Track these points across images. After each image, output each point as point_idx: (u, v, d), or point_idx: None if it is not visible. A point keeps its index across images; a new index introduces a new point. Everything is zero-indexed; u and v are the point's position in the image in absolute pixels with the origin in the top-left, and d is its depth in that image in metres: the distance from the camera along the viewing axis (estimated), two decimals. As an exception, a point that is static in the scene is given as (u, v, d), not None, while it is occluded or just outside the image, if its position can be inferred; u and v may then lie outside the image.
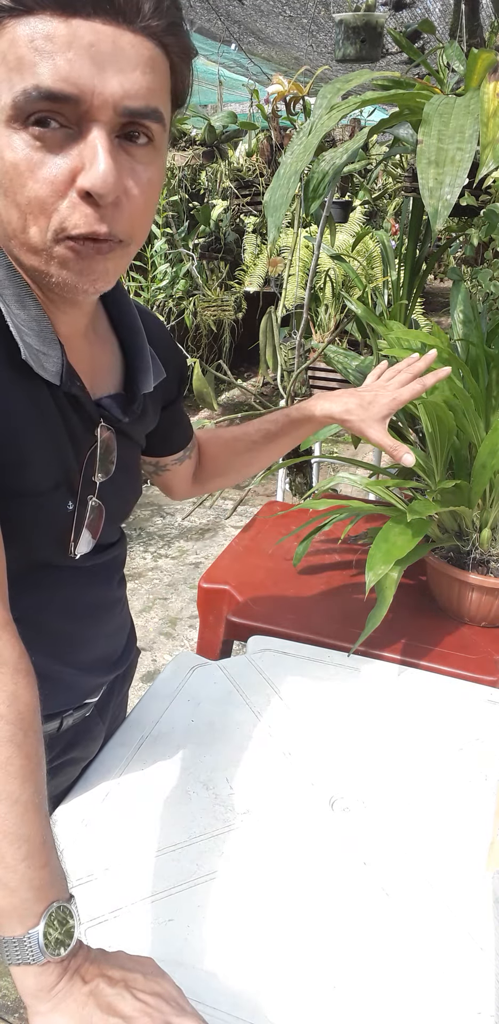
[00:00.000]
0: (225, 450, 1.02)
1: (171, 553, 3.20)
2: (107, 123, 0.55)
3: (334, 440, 4.15)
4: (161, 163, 0.62)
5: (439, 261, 3.91)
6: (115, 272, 0.63)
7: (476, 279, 3.00)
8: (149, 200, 0.61)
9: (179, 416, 0.94)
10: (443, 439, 1.16)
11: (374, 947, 0.67)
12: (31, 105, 0.53)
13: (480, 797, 0.84)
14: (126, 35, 0.54)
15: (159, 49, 0.57)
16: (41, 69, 0.53)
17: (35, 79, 0.53)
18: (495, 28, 1.90)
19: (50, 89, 0.53)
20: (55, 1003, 0.51)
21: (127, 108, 0.56)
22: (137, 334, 0.79)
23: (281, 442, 1.01)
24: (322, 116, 1.14)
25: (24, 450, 0.65)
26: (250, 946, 0.67)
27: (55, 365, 0.65)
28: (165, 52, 0.58)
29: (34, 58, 0.53)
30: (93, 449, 0.73)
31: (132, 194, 0.59)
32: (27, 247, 0.59)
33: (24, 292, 0.64)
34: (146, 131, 0.58)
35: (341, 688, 1.03)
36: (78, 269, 0.60)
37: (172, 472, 0.97)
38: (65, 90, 0.53)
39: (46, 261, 0.60)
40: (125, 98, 0.55)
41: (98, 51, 0.53)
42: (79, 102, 0.54)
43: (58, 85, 0.53)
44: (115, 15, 0.53)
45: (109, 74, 0.54)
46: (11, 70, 0.53)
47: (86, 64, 0.53)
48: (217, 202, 4.75)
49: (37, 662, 0.59)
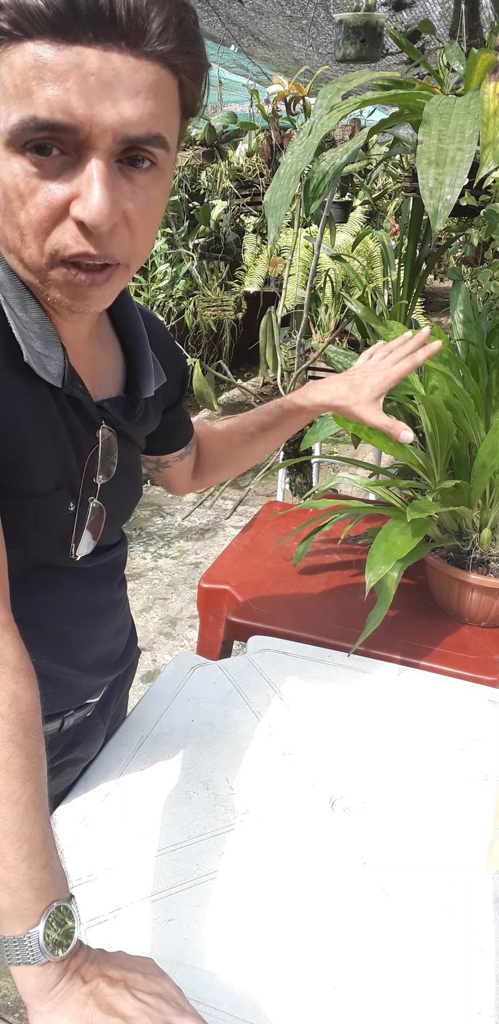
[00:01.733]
0: (223, 444, 1.03)
1: (171, 553, 3.20)
2: (106, 151, 0.54)
3: (334, 440, 4.15)
4: (165, 184, 0.61)
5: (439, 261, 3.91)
6: (112, 295, 0.63)
7: (476, 279, 3.00)
8: (150, 222, 0.60)
9: (180, 417, 0.94)
10: (443, 439, 1.16)
11: (374, 947, 0.67)
12: (28, 134, 0.53)
13: (480, 797, 0.84)
14: (129, 60, 0.52)
15: (166, 70, 0.55)
16: (38, 99, 0.51)
17: (32, 109, 0.52)
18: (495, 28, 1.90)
19: (47, 120, 0.52)
20: (55, 1003, 0.51)
21: (127, 136, 0.54)
22: (140, 338, 0.79)
23: (276, 433, 1.01)
24: (322, 116, 1.14)
25: (26, 451, 0.65)
26: (250, 946, 0.67)
27: (57, 367, 0.65)
28: (173, 72, 0.56)
29: (32, 86, 0.51)
30: (94, 451, 0.73)
31: (131, 218, 0.58)
32: (24, 265, 0.60)
33: (26, 295, 0.64)
34: (149, 156, 0.57)
35: (341, 688, 1.03)
36: (72, 294, 0.60)
37: (173, 469, 0.98)
38: (62, 121, 0.52)
39: (42, 281, 0.60)
40: (125, 126, 0.54)
41: (98, 80, 0.52)
42: (77, 131, 0.53)
43: (55, 116, 0.52)
44: (118, 40, 0.52)
45: (108, 103, 0.52)
46: (9, 96, 0.52)
47: (85, 93, 0.52)
48: (217, 202, 4.75)
49: (38, 662, 0.59)
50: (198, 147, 4.44)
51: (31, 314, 0.64)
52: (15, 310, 0.63)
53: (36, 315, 0.64)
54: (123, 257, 0.60)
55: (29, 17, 0.50)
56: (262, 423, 1.00)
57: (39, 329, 0.64)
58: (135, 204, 0.58)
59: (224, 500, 3.61)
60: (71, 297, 0.60)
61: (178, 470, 0.98)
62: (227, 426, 1.02)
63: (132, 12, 0.51)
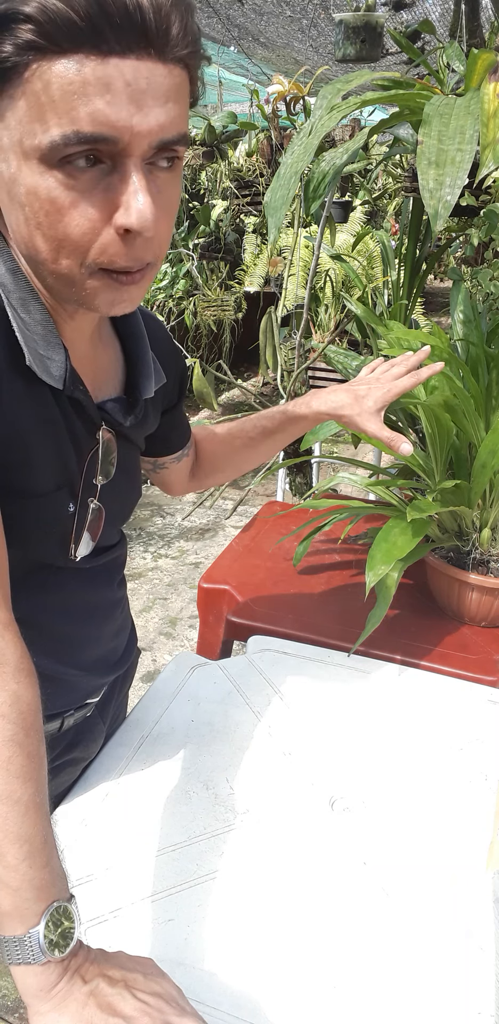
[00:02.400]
0: (223, 447, 1.03)
1: (171, 553, 3.20)
2: (141, 156, 0.55)
3: (334, 440, 4.16)
4: (180, 177, 0.62)
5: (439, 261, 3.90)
6: (141, 295, 0.64)
7: (476, 279, 3.00)
8: (172, 219, 0.62)
9: (179, 418, 0.94)
10: (443, 439, 1.16)
11: (374, 947, 0.68)
12: (69, 148, 0.53)
13: (480, 797, 0.85)
14: (158, 67, 0.54)
15: (184, 71, 0.57)
16: (79, 113, 0.52)
17: (76, 125, 0.52)
18: (495, 28, 1.90)
19: (90, 134, 0.52)
20: (55, 1003, 0.52)
21: (162, 141, 0.55)
22: (140, 339, 0.79)
23: (277, 438, 1.01)
24: (322, 116, 1.14)
25: (26, 452, 0.65)
26: (250, 946, 0.67)
27: (59, 369, 0.66)
28: (187, 71, 0.58)
29: (72, 101, 0.51)
30: (94, 452, 0.73)
31: (159, 219, 0.59)
32: (57, 276, 0.60)
33: (30, 296, 0.64)
34: (175, 154, 0.58)
35: (341, 688, 1.03)
36: (109, 300, 0.61)
37: (170, 470, 0.98)
38: (104, 133, 0.52)
39: (78, 291, 0.60)
40: (160, 132, 0.55)
41: (135, 90, 0.53)
42: (117, 142, 0.53)
43: (98, 129, 0.52)
44: (147, 48, 0.52)
45: (145, 111, 0.54)
46: (47, 111, 0.52)
47: (124, 104, 0.52)
48: (217, 202, 4.75)
49: (38, 662, 0.60)
50: (198, 147, 4.44)
51: (34, 315, 0.64)
52: (18, 312, 0.63)
53: (39, 316, 0.64)
54: (153, 256, 0.61)
55: (64, 31, 0.50)
56: (264, 427, 1.00)
57: (41, 331, 0.64)
58: (161, 204, 0.59)
59: (224, 500, 3.61)
60: (110, 302, 0.61)
61: (175, 472, 0.98)
62: (228, 429, 1.02)
63: (159, 20, 0.52)
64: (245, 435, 1.01)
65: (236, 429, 1.02)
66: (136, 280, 0.61)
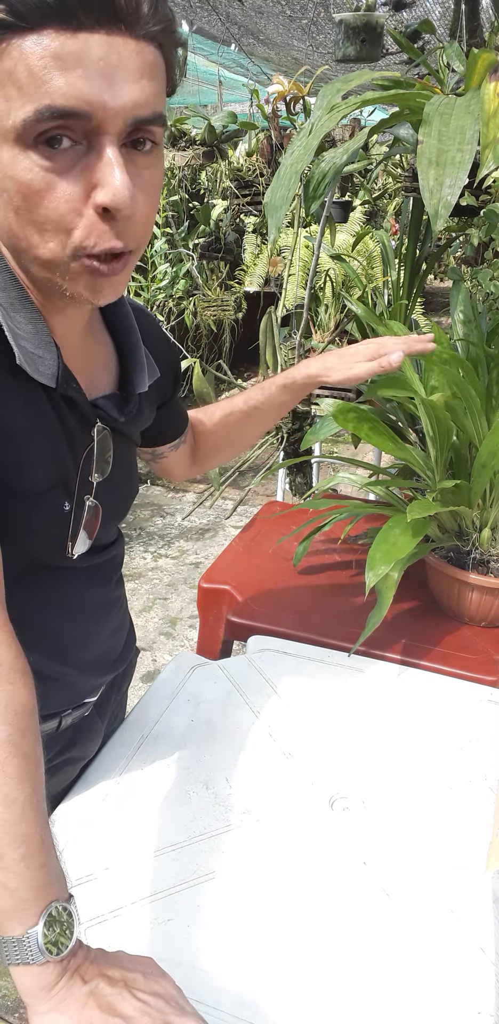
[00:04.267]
0: (218, 426, 1.03)
1: (171, 553, 3.20)
2: (116, 135, 0.55)
3: (334, 440, 4.15)
4: (162, 162, 0.62)
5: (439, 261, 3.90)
6: (126, 281, 0.64)
7: (476, 279, 3.00)
8: (154, 204, 0.62)
9: (174, 410, 0.94)
10: (443, 439, 1.16)
11: (374, 947, 0.67)
12: (41, 124, 0.53)
13: (480, 797, 0.84)
14: (130, 43, 0.54)
15: (157, 50, 0.57)
16: (51, 88, 0.52)
17: (47, 98, 0.52)
18: (495, 28, 1.90)
19: (63, 108, 0.52)
20: (55, 1003, 0.51)
21: (136, 118, 0.55)
22: (131, 334, 0.79)
23: (268, 410, 1.01)
24: (322, 116, 1.14)
25: (21, 451, 0.65)
26: (250, 946, 0.67)
27: (51, 368, 0.65)
28: (161, 51, 0.58)
29: (43, 76, 0.52)
30: (89, 449, 0.73)
31: (138, 202, 0.59)
32: (41, 262, 0.60)
33: (21, 295, 0.64)
34: (151, 136, 0.58)
35: (341, 688, 1.03)
36: (92, 286, 0.61)
37: (169, 458, 0.99)
38: (77, 107, 0.52)
39: (61, 275, 0.60)
40: (134, 108, 0.55)
41: (107, 64, 0.53)
42: (90, 118, 0.53)
43: (71, 103, 0.52)
44: (117, 24, 0.53)
45: (118, 86, 0.53)
46: (19, 89, 0.52)
47: (96, 79, 0.52)
48: (217, 202, 4.75)
49: (35, 662, 0.59)
50: (198, 147, 4.44)
51: (24, 314, 0.64)
52: (8, 311, 0.63)
53: (29, 315, 0.64)
54: (135, 242, 0.61)
55: (33, 8, 0.50)
56: (256, 400, 1.00)
57: (32, 329, 0.64)
58: (141, 188, 0.59)
59: (224, 500, 3.60)
60: (91, 289, 0.61)
61: (174, 459, 0.99)
62: (221, 408, 1.03)
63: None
64: (238, 411, 1.01)
65: (228, 407, 1.02)
66: (117, 271, 0.61)
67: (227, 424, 1.03)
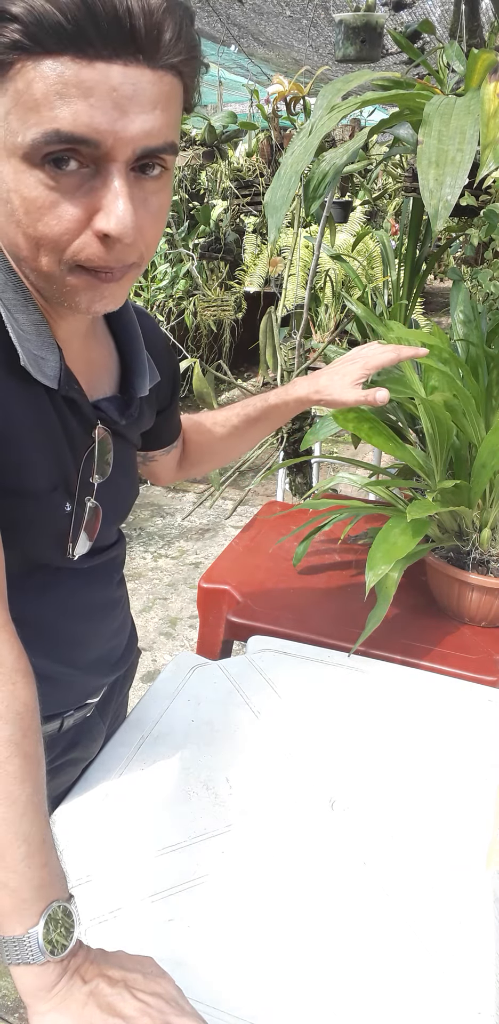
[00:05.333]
0: (208, 436, 1.04)
1: (171, 553, 3.20)
2: (125, 162, 0.55)
3: (334, 440, 4.15)
4: (170, 185, 0.62)
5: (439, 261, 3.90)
6: (124, 293, 0.64)
7: (476, 279, 2.99)
8: (160, 226, 0.62)
9: (172, 416, 0.95)
10: (443, 439, 1.16)
11: (374, 947, 0.67)
12: (49, 147, 0.53)
13: (480, 797, 0.84)
14: (146, 74, 0.53)
15: (176, 78, 0.56)
16: (62, 113, 0.51)
17: (56, 123, 0.52)
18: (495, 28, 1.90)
19: (71, 134, 0.52)
20: (55, 1003, 0.52)
21: (146, 148, 0.55)
22: (134, 337, 0.79)
23: (260, 426, 1.02)
24: (322, 116, 1.14)
25: (22, 452, 0.65)
26: (250, 946, 0.67)
27: (53, 369, 0.66)
28: (180, 78, 0.57)
29: (54, 102, 0.51)
30: (90, 451, 0.73)
31: (144, 225, 0.59)
32: (37, 272, 0.60)
33: (24, 297, 0.64)
34: (161, 163, 0.58)
35: (341, 688, 1.03)
36: (89, 296, 0.61)
37: (159, 462, 0.99)
38: (86, 135, 0.52)
39: (59, 287, 0.60)
40: (145, 139, 0.55)
41: (121, 95, 0.52)
42: (99, 145, 0.53)
43: (80, 130, 0.52)
44: (136, 54, 0.52)
45: (130, 117, 0.53)
46: (29, 110, 0.52)
47: (107, 109, 0.52)
48: (217, 202, 4.75)
49: (37, 663, 0.60)
50: (198, 147, 4.44)
51: (28, 316, 0.64)
52: (12, 312, 0.63)
53: (32, 317, 0.64)
54: (137, 257, 0.61)
55: (50, 33, 0.50)
56: (247, 416, 1.01)
57: (35, 331, 0.64)
58: (147, 212, 0.59)
59: (224, 500, 3.60)
60: (89, 300, 0.61)
61: (163, 463, 1.00)
62: (213, 418, 1.03)
63: (149, 26, 0.52)
64: (229, 424, 1.02)
65: (220, 418, 1.03)
66: (117, 278, 0.60)
67: (217, 435, 1.03)
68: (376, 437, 1.15)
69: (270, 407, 1.00)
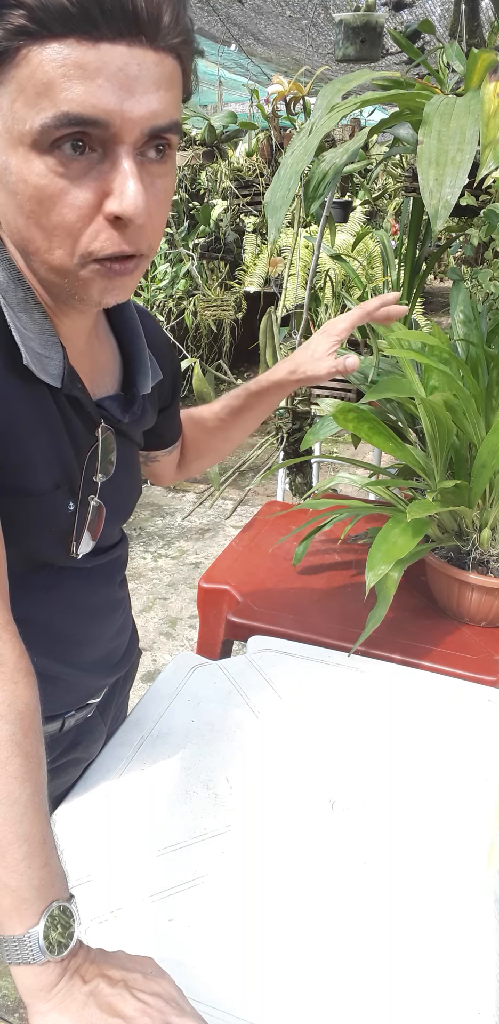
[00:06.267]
0: (200, 431, 1.04)
1: (171, 553, 3.20)
2: (132, 144, 0.55)
3: (334, 440, 4.15)
4: (174, 169, 0.62)
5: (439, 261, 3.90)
6: (134, 285, 0.64)
7: (476, 279, 2.99)
8: (165, 210, 0.62)
9: (173, 416, 0.95)
10: (443, 439, 1.16)
11: (374, 947, 0.67)
12: (59, 131, 0.53)
13: (480, 797, 0.84)
14: (149, 54, 0.54)
15: (176, 60, 0.57)
16: (70, 95, 0.52)
17: (65, 106, 0.52)
18: (495, 28, 1.90)
19: (81, 116, 0.52)
20: (55, 1003, 0.52)
21: (154, 127, 0.56)
22: (137, 336, 0.79)
23: (246, 416, 1.03)
24: (322, 116, 1.14)
25: (26, 451, 0.65)
26: (250, 946, 0.67)
27: (56, 368, 0.66)
28: (179, 61, 0.58)
29: (62, 84, 0.52)
30: (93, 449, 0.73)
31: (151, 209, 0.59)
32: (50, 266, 0.60)
33: (28, 295, 0.64)
34: (167, 143, 0.58)
35: (341, 688, 1.03)
36: (101, 288, 0.61)
37: (161, 463, 1.00)
38: (95, 116, 0.52)
39: (71, 281, 0.60)
40: (152, 119, 0.55)
41: (127, 75, 0.53)
42: (108, 126, 0.53)
43: (89, 112, 0.52)
44: (138, 35, 0.53)
45: (136, 97, 0.54)
46: (38, 95, 0.52)
47: (115, 89, 0.53)
48: (217, 202, 4.75)
49: (39, 663, 0.60)
50: (198, 147, 4.44)
51: (32, 315, 0.64)
52: (16, 311, 0.63)
53: (36, 315, 0.64)
54: (146, 247, 0.61)
55: (55, 16, 0.50)
56: (232, 407, 1.02)
57: (39, 330, 0.64)
58: (154, 196, 0.59)
59: (224, 500, 3.60)
60: (101, 291, 0.61)
61: (165, 464, 1.00)
62: (201, 414, 1.04)
63: (150, 7, 0.52)
64: (216, 417, 1.03)
65: (207, 413, 1.04)
66: (129, 271, 0.61)
67: (207, 429, 1.04)
68: (376, 437, 1.15)
69: (252, 395, 1.01)
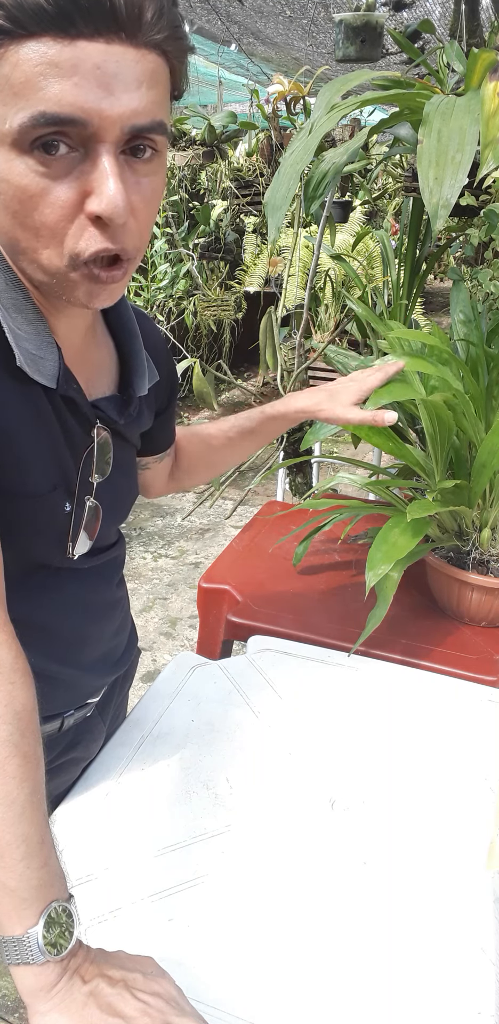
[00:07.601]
0: (203, 447, 1.03)
1: (171, 553, 3.20)
2: (113, 143, 0.55)
3: (334, 440, 4.15)
4: (164, 170, 0.62)
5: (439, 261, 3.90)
6: (122, 288, 0.64)
7: (476, 279, 2.99)
8: (153, 210, 0.61)
9: (168, 421, 0.95)
10: (443, 439, 1.16)
11: (374, 947, 0.67)
12: (37, 131, 0.53)
13: (480, 797, 0.84)
14: (129, 52, 0.53)
15: (161, 58, 0.56)
16: (47, 94, 0.52)
17: (42, 105, 0.52)
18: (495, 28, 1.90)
19: (57, 115, 0.52)
20: (55, 1003, 0.52)
21: (134, 126, 0.55)
22: (133, 337, 0.79)
23: (256, 439, 1.02)
24: (322, 116, 1.14)
25: (22, 453, 0.65)
26: (250, 946, 0.67)
27: (52, 369, 0.65)
28: (165, 59, 0.57)
29: (39, 83, 0.51)
30: (90, 450, 0.73)
31: (137, 209, 0.59)
32: (38, 265, 0.60)
33: (22, 296, 0.64)
34: (151, 144, 0.58)
35: (341, 688, 1.03)
36: (87, 292, 0.61)
37: (151, 471, 0.98)
38: (72, 115, 0.52)
39: (59, 282, 0.60)
40: (132, 117, 0.54)
41: (104, 72, 0.52)
42: (86, 125, 0.53)
43: (65, 110, 0.52)
44: (118, 32, 0.52)
45: (115, 95, 0.53)
46: (16, 95, 0.52)
47: (92, 87, 0.52)
48: (217, 202, 4.75)
49: (37, 662, 0.60)
50: (198, 147, 4.44)
51: (26, 316, 0.64)
52: (10, 312, 0.63)
53: (30, 316, 0.64)
54: (133, 248, 0.60)
55: (31, 15, 0.50)
56: (243, 428, 1.01)
57: (33, 331, 0.64)
58: (140, 195, 0.59)
59: (224, 500, 3.60)
60: (89, 295, 0.61)
61: (156, 472, 0.99)
62: (207, 430, 1.03)
63: (130, 4, 0.52)
64: (224, 436, 1.02)
65: (215, 430, 1.02)
66: (117, 279, 0.61)
67: (212, 446, 1.03)
68: (376, 437, 1.15)
69: (268, 417, 1.00)
